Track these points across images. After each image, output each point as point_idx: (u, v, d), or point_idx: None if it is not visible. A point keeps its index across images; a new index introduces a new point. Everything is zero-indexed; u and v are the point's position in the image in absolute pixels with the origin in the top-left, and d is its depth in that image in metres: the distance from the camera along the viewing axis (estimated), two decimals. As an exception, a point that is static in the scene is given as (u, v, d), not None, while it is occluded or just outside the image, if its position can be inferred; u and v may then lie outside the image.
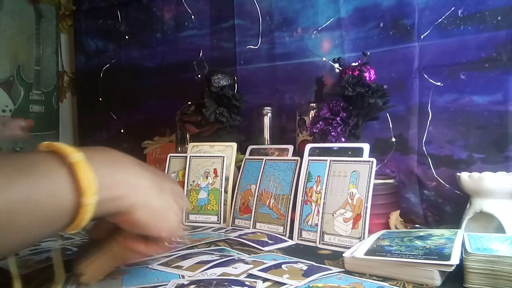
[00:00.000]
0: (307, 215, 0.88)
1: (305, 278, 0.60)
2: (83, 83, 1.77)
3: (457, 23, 0.99)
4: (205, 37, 1.42)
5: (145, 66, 1.58)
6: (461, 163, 0.99)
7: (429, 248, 0.63)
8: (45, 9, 1.67)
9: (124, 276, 0.63)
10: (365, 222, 0.79)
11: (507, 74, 0.93)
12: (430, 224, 1.02)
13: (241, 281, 0.59)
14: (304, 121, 1.12)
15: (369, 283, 0.59)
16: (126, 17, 1.62)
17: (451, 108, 1.00)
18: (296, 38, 1.24)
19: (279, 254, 0.76)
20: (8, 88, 1.55)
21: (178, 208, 0.55)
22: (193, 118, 1.17)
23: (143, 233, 0.53)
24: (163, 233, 0.53)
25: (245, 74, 1.32)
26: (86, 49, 1.74)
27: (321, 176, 0.88)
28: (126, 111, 1.63)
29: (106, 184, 0.45)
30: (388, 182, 0.97)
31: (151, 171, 0.53)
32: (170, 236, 0.56)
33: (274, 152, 1.11)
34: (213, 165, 1.09)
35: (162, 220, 0.52)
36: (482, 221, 0.82)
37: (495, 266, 0.56)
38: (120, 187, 0.47)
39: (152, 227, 0.51)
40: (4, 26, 1.54)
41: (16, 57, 1.58)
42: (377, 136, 1.09)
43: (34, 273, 0.67)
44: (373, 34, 1.10)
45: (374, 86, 0.96)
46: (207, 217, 1.05)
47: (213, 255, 0.72)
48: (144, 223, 0.50)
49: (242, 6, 1.32)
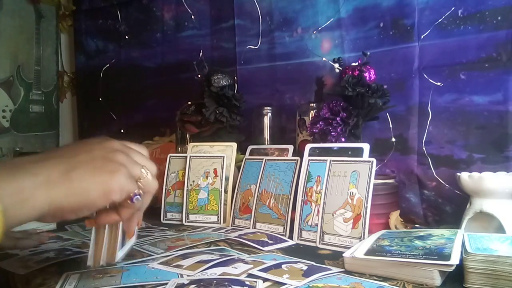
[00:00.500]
0: (307, 215, 0.88)
1: (305, 278, 0.60)
2: (83, 83, 1.77)
3: (457, 23, 0.99)
4: (205, 37, 1.42)
5: (145, 66, 1.58)
6: (461, 163, 0.99)
7: (429, 248, 0.63)
8: (45, 9, 1.67)
9: (123, 274, 0.63)
10: (365, 222, 0.79)
11: (507, 74, 0.93)
12: (430, 224, 1.02)
13: (241, 281, 0.59)
14: (304, 121, 1.12)
15: (369, 283, 0.59)
16: (126, 17, 1.62)
17: (451, 108, 1.00)
18: (296, 38, 1.24)
19: (279, 254, 0.76)
20: (8, 88, 1.55)
21: (115, 164, 0.51)
22: (193, 118, 1.17)
23: (89, 212, 0.51)
24: (109, 199, 0.49)
25: (245, 74, 1.32)
26: (86, 49, 1.74)
27: (321, 176, 0.88)
28: (126, 111, 1.63)
29: (7, 192, 0.43)
30: (388, 182, 0.97)
31: (59, 155, 0.50)
32: (121, 195, 0.51)
33: (274, 152, 1.11)
34: (213, 165, 1.09)
35: (94, 192, 0.48)
36: (482, 221, 0.82)
37: (495, 266, 0.56)
38: (23, 190, 0.44)
39: (88, 204, 0.48)
40: (4, 26, 1.54)
41: (16, 57, 1.58)
42: (377, 136, 1.09)
43: (34, 273, 0.67)
44: (373, 34, 1.10)
45: (374, 86, 0.96)
46: (207, 217, 1.05)
47: (213, 254, 0.72)
48: (76, 206, 0.48)
49: (242, 6, 1.32)
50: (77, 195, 0.47)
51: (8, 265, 0.71)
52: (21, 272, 0.68)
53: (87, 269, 0.63)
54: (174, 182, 1.12)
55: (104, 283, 0.59)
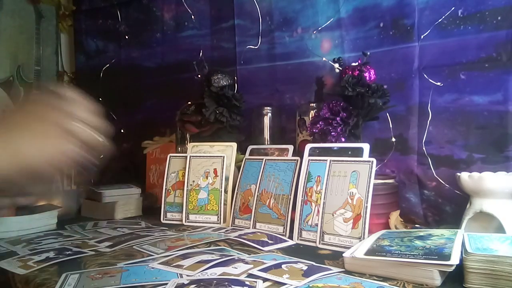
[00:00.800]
0: (307, 215, 0.87)
1: (305, 278, 0.60)
2: (83, 83, 1.77)
3: (457, 23, 0.99)
4: (205, 37, 1.42)
5: (145, 66, 1.58)
6: (461, 163, 0.99)
7: (429, 248, 0.63)
8: (45, 9, 1.67)
9: (123, 274, 0.63)
10: (365, 222, 0.79)
11: (507, 74, 0.93)
12: (430, 224, 1.02)
13: (241, 281, 0.59)
14: (304, 121, 1.12)
15: (369, 283, 0.59)
16: (126, 17, 1.62)
17: (451, 108, 1.00)
18: (296, 38, 1.24)
19: (279, 254, 0.76)
20: (8, 88, 1.55)
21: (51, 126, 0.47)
22: (193, 118, 1.17)
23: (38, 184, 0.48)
24: (53, 165, 0.46)
25: (245, 74, 1.32)
26: (86, 49, 1.74)
27: (321, 176, 0.88)
28: (126, 111, 1.63)
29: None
30: (388, 182, 0.97)
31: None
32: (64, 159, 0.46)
33: (274, 152, 1.11)
34: (213, 165, 1.09)
35: (34, 158, 0.45)
36: (482, 221, 0.82)
37: (495, 266, 0.56)
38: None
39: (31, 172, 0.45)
40: (4, 26, 1.54)
41: (16, 57, 1.58)
42: (377, 136, 1.09)
43: (34, 273, 0.67)
44: (373, 34, 1.10)
45: (374, 86, 0.96)
46: (207, 217, 1.05)
47: (213, 254, 0.72)
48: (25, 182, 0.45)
49: (242, 6, 1.32)
50: (16, 161, 0.44)
51: (8, 265, 0.71)
52: (21, 272, 0.68)
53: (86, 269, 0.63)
54: (174, 182, 1.12)
55: (104, 283, 0.59)
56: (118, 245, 0.83)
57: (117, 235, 0.92)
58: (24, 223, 0.97)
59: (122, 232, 0.95)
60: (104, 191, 1.18)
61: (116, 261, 0.72)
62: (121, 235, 0.92)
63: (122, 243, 0.84)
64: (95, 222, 1.09)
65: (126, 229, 0.99)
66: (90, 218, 1.16)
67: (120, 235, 0.92)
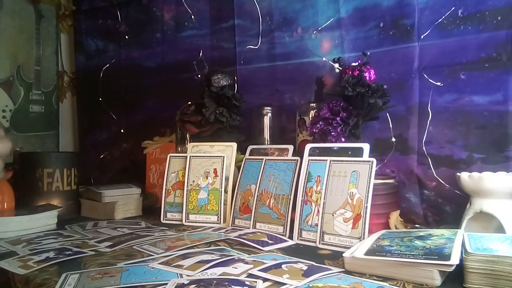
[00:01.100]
0: (307, 215, 0.87)
1: (305, 278, 0.60)
2: (83, 83, 1.77)
3: (457, 23, 0.99)
4: (205, 37, 1.42)
5: (145, 66, 1.58)
6: (461, 163, 0.99)
7: (429, 248, 0.63)
8: (45, 9, 1.67)
9: (123, 274, 0.63)
10: (365, 222, 0.79)
11: (507, 74, 0.93)
12: (430, 224, 1.02)
13: (241, 281, 0.59)
14: (304, 121, 1.12)
15: (369, 283, 0.59)
16: (126, 17, 1.62)
17: (451, 108, 1.00)
18: (296, 38, 1.24)
19: (279, 254, 0.76)
20: (8, 88, 1.55)
21: None
22: (193, 118, 1.17)
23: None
24: None
25: (245, 74, 1.32)
26: (86, 49, 1.74)
27: (321, 176, 0.88)
28: (126, 111, 1.63)
29: None
30: (388, 182, 0.97)
31: None
32: None
33: (274, 152, 1.11)
34: (213, 165, 1.09)
35: None
36: (482, 221, 0.82)
37: (495, 266, 0.56)
38: None
39: None
40: (4, 26, 1.54)
41: (16, 57, 1.58)
42: (377, 136, 1.09)
43: (34, 273, 0.67)
44: (373, 34, 1.10)
45: (374, 86, 0.96)
46: (207, 217, 1.05)
47: (213, 254, 0.72)
48: None
49: (242, 6, 1.32)
50: None
51: (8, 265, 0.71)
52: (21, 272, 0.68)
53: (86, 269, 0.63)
54: (174, 182, 1.12)
55: (104, 283, 0.59)
56: (118, 245, 0.83)
57: (117, 235, 0.92)
58: (24, 223, 0.97)
59: (122, 232, 0.95)
60: (104, 191, 1.18)
61: (116, 261, 0.72)
62: (121, 235, 0.92)
63: (122, 243, 0.84)
64: (95, 222, 1.09)
65: (126, 229, 0.99)
66: (90, 218, 1.16)
67: (120, 235, 0.92)
